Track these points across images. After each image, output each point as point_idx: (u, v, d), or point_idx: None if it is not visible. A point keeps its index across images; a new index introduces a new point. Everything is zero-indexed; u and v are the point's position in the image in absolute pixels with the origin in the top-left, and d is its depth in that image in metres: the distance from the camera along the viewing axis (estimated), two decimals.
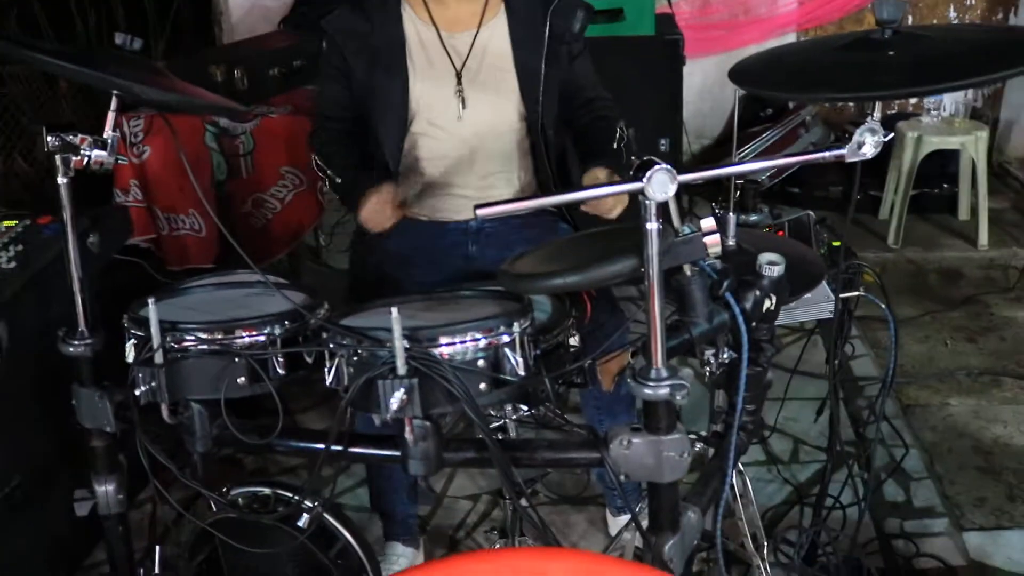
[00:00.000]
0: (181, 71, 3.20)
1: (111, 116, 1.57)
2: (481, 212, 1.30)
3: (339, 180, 2.22)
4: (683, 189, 1.35)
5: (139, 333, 1.66)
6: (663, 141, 3.78)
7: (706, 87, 4.75)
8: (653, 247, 1.32)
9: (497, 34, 2.26)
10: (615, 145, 2.22)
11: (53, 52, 1.51)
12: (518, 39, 2.25)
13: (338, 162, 2.25)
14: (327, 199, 3.44)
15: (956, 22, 4.77)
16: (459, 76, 2.22)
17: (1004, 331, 3.56)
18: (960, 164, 4.27)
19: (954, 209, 4.42)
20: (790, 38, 4.77)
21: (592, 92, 2.34)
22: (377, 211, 2.10)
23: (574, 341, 1.72)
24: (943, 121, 4.34)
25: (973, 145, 4.19)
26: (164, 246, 3.30)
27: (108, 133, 1.59)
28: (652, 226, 1.32)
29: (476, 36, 2.24)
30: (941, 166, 4.36)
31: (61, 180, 1.70)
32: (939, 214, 4.48)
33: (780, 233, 2.35)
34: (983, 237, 4.17)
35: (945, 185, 4.44)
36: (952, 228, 4.38)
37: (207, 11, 5.20)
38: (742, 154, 4.46)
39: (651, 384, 1.40)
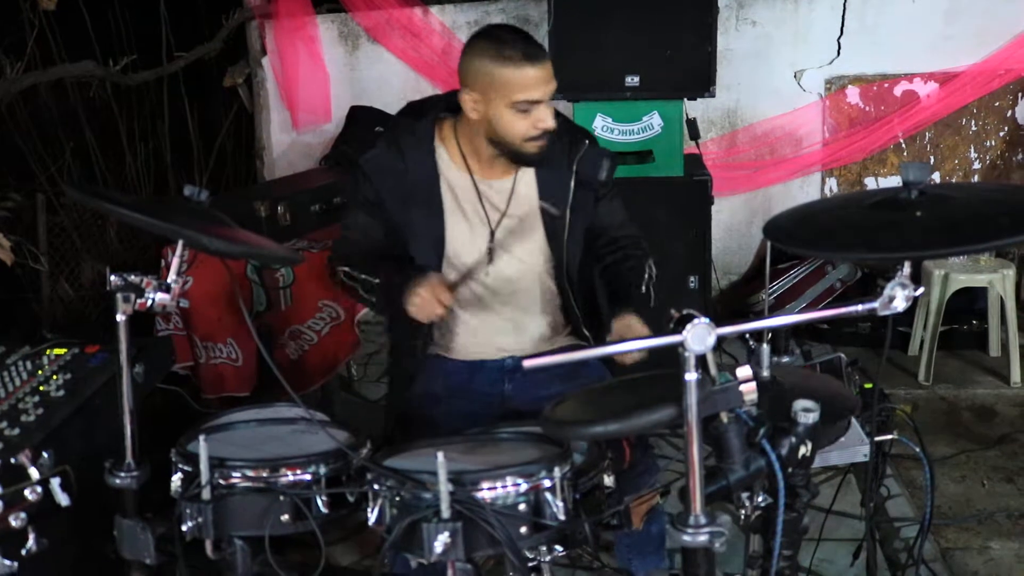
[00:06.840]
0: (227, 205, 3.34)
1: (176, 262, 1.64)
2: (528, 364, 1.35)
3: (376, 280, 2.20)
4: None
5: (187, 468, 1.71)
6: (692, 278, 3.82)
7: (733, 225, 4.84)
8: (692, 397, 1.36)
9: (526, 180, 2.29)
10: (643, 288, 2.26)
11: (127, 204, 1.60)
12: (545, 186, 2.28)
13: (370, 266, 2.24)
14: (363, 333, 3.49)
15: (976, 163, 4.87)
16: (492, 233, 2.26)
17: None
18: (988, 301, 4.30)
19: (984, 345, 4.42)
20: (815, 178, 4.88)
21: (618, 231, 2.37)
22: (428, 300, 2.08)
23: (608, 481, 1.75)
24: (969, 259, 4.40)
25: (1000, 283, 4.22)
26: (201, 374, 3.35)
27: (172, 278, 1.66)
28: (691, 377, 1.36)
29: (513, 188, 2.27)
30: (969, 303, 4.39)
31: (120, 318, 1.75)
32: (969, 350, 4.47)
33: None
34: (1015, 374, 4.15)
35: (974, 321, 4.46)
36: (983, 365, 4.37)
37: (249, 146, 5.43)
38: (771, 292, 4.52)
39: (690, 531, 1.42)
